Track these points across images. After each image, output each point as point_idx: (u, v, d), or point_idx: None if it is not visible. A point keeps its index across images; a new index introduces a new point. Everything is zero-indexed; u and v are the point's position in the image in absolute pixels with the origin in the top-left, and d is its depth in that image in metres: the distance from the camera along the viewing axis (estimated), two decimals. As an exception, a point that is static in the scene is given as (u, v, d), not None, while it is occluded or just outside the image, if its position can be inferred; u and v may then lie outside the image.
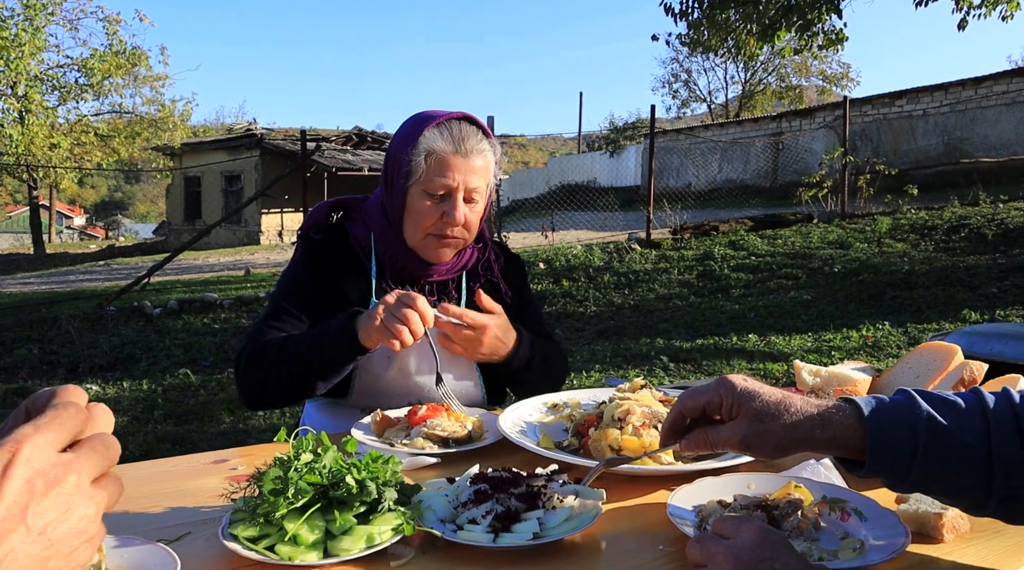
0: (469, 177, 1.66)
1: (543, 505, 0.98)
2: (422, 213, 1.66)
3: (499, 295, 1.82)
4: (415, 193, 1.67)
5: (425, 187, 1.65)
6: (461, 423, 1.36)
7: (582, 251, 11.47)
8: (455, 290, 1.81)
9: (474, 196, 1.69)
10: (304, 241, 1.80)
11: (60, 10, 25.48)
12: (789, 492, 0.99)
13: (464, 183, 1.65)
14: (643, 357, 6.44)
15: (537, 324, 1.92)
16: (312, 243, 1.77)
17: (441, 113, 1.70)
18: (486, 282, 1.83)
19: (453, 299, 1.79)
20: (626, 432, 1.21)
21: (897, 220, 11.46)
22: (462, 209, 1.66)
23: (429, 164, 1.64)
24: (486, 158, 1.70)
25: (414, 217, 1.68)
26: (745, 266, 9.89)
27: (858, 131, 19.58)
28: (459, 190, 1.65)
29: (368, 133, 30.48)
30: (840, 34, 11.04)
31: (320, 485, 0.93)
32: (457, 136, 1.66)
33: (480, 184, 1.69)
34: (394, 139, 1.75)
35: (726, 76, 42.14)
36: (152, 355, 7.63)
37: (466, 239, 1.74)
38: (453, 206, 1.65)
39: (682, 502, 1.01)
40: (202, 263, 17.72)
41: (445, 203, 1.66)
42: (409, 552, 0.94)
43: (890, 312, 7.51)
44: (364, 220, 1.80)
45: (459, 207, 1.65)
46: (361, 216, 1.81)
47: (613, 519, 1.04)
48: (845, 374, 1.33)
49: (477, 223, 1.74)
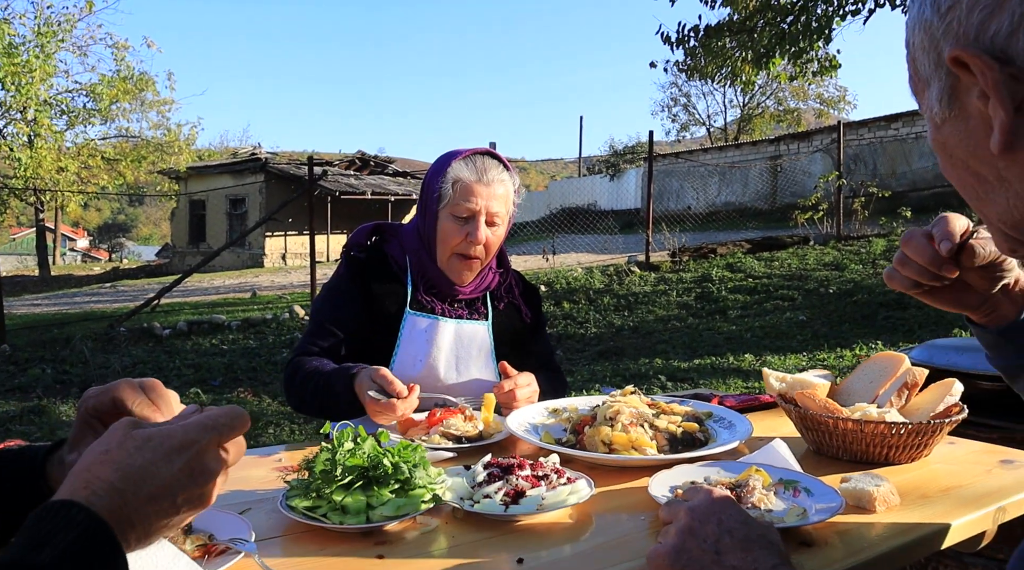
0: (491, 202, 1.91)
1: (545, 485, 1.18)
2: (449, 233, 1.92)
3: (520, 316, 2.09)
4: (444, 216, 1.93)
5: (453, 210, 1.91)
6: (474, 424, 1.56)
7: (582, 274, 11.68)
8: (483, 305, 2.05)
9: (495, 220, 1.94)
10: (347, 258, 2.03)
11: (70, 37, 25.99)
12: (751, 475, 1.19)
13: (486, 207, 1.90)
14: (642, 377, 6.63)
15: (547, 355, 2.17)
16: (354, 260, 2.00)
17: (467, 149, 1.98)
18: (508, 304, 2.08)
19: (481, 314, 2.03)
20: (616, 429, 1.41)
21: (892, 242, 11.68)
22: (484, 230, 1.90)
23: (456, 190, 1.90)
24: (506, 186, 1.96)
25: (443, 237, 1.94)
26: (742, 288, 10.09)
27: (855, 153, 19.86)
28: (481, 213, 1.90)
29: (371, 157, 30.80)
30: (833, 61, 11.32)
31: (362, 467, 1.13)
32: (480, 167, 1.92)
33: (500, 209, 1.94)
34: (428, 172, 2.01)
35: (725, 100, 42.62)
36: (163, 375, 7.80)
37: (485, 259, 1.97)
38: (476, 227, 1.90)
39: (661, 483, 1.21)
40: (207, 285, 17.92)
41: (469, 224, 1.91)
42: (434, 522, 1.14)
43: (883, 331, 7.70)
44: (400, 243, 2.04)
45: (481, 228, 1.90)
46: (398, 239, 2.05)
47: (604, 499, 1.24)
48: (807, 380, 1.53)
49: (496, 244, 1.98)
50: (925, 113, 0.82)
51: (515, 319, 2.09)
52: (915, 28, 0.77)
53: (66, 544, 0.65)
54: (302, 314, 10.14)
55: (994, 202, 0.78)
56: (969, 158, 0.77)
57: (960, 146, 0.77)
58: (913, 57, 0.79)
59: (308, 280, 11.09)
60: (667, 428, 1.44)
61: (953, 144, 0.78)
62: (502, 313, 2.07)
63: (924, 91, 0.80)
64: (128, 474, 0.71)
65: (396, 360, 1.91)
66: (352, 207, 25.80)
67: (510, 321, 2.07)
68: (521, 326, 2.09)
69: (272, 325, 9.88)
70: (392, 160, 31.99)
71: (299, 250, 26.28)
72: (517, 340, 2.07)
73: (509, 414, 1.63)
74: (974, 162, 0.77)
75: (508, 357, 1.96)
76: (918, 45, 0.77)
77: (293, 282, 16.94)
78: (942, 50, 0.73)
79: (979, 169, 0.77)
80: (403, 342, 1.93)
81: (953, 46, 0.70)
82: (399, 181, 28.89)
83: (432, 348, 1.93)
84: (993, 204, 0.78)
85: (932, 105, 0.78)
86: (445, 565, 1.01)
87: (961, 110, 0.75)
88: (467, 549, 1.06)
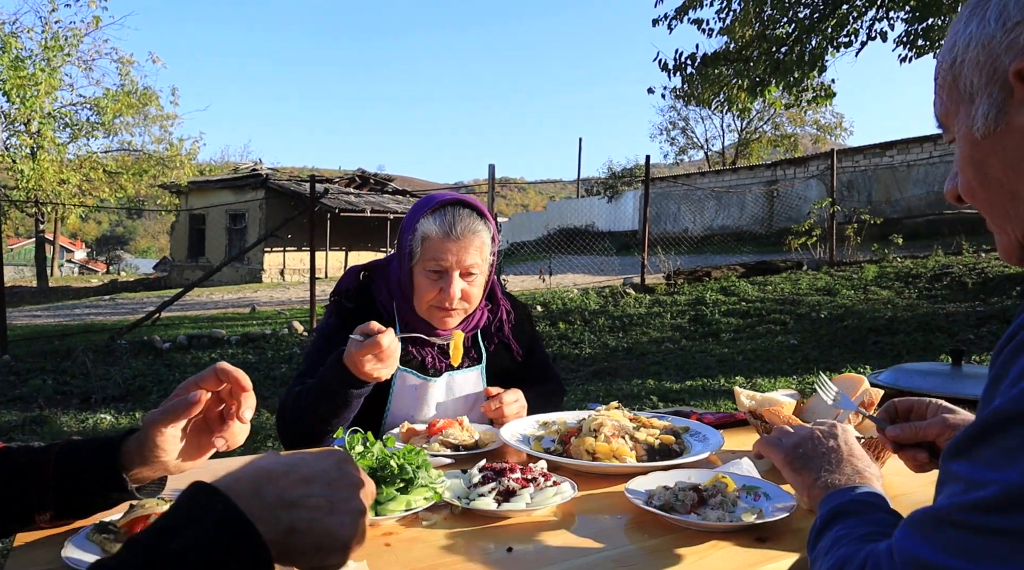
0: (462, 256, 1.86)
1: (533, 486, 1.33)
2: (423, 289, 1.90)
3: (511, 355, 2.11)
4: (417, 272, 1.90)
5: (424, 266, 1.88)
6: (470, 433, 1.71)
7: (578, 295, 11.83)
8: (473, 350, 2.05)
9: (471, 270, 1.89)
10: (336, 306, 2.01)
11: (76, 51, 26.26)
12: (717, 480, 1.34)
13: (458, 262, 1.86)
14: (634, 397, 6.76)
15: (544, 366, 2.23)
16: (343, 309, 1.99)
17: (439, 198, 1.94)
18: (498, 345, 2.09)
19: (473, 359, 2.04)
20: (599, 440, 1.55)
21: (883, 268, 11.87)
22: (457, 285, 1.87)
23: (425, 248, 1.86)
24: (480, 237, 1.90)
25: (418, 291, 1.91)
26: (735, 311, 10.24)
27: (850, 180, 20.11)
28: (453, 269, 1.86)
29: (371, 175, 31.03)
30: (828, 90, 11.56)
31: (371, 467, 1.27)
32: (449, 221, 1.86)
33: (476, 260, 1.89)
34: (403, 221, 1.98)
35: (722, 124, 43.07)
36: (162, 387, 7.91)
37: (467, 309, 1.95)
38: (448, 283, 1.87)
39: (636, 486, 1.35)
40: (206, 300, 18.03)
41: (443, 280, 1.88)
42: (435, 517, 1.28)
43: (872, 357, 7.84)
44: (387, 286, 2.01)
45: (454, 284, 1.87)
46: (385, 280, 2.03)
47: (585, 500, 1.38)
48: (774, 398, 1.68)
49: (478, 295, 1.96)
50: (959, 130, 0.84)
51: (506, 359, 2.09)
52: (969, 44, 0.80)
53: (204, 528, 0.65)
54: (301, 330, 10.27)
55: (1021, 221, 0.81)
56: (1008, 174, 0.79)
57: (1000, 162, 0.79)
58: (955, 75, 0.82)
59: (306, 296, 11.22)
60: (646, 440, 1.58)
61: (992, 160, 0.80)
62: (493, 355, 2.07)
63: (961, 108, 0.83)
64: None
65: (388, 415, 1.93)
66: (351, 224, 25.99)
67: (501, 361, 2.08)
68: (513, 365, 2.10)
69: (271, 340, 10.01)
70: (392, 178, 32.24)
71: (297, 266, 26.42)
72: (509, 377, 2.06)
73: (501, 427, 1.77)
74: (1012, 179, 0.79)
75: None
76: (970, 60, 0.80)
77: (292, 298, 17.07)
78: (1001, 64, 0.76)
79: (1016, 186, 0.79)
80: (395, 397, 1.94)
81: (1018, 59, 0.74)
82: (398, 199, 29.12)
83: (423, 407, 1.95)
84: (1021, 222, 0.81)
85: (975, 121, 0.80)
86: (445, 553, 1.16)
87: (1008, 126, 0.78)
88: (464, 540, 1.20)
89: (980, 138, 0.80)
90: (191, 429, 1.17)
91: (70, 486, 1.11)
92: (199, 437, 1.19)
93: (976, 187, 0.83)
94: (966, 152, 0.83)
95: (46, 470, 1.11)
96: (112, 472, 1.13)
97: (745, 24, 11.31)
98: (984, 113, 0.79)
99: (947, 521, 0.66)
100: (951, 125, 0.87)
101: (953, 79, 0.83)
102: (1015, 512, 0.61)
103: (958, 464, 0.69)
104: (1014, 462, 0.62)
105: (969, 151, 0.82)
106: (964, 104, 0.82)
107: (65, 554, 1.05)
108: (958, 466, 0.69)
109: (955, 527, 0.65)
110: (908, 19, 10.08)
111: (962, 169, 0.84)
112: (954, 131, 0.86)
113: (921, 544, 0.68)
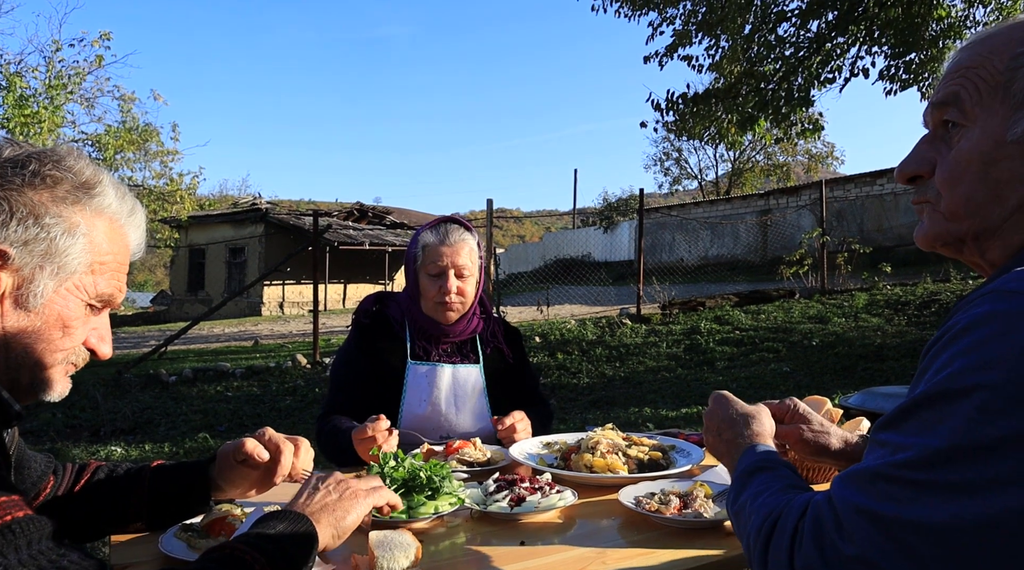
0: (455, 258, 2.31)
1: (540, 494, 1.56)
2: (427, 287, 2.34)
3: (504, 358, 2.48)
4: (422, 275, 2.35)
5: (426, 269, 2.33)
6: (482, 452, 1.94)
7: (576, 325, 12.06)
8: (472, 353, 2.43)
9: (463, 271, 2.33)
10: (356, 325, 2.44)
11: (79, 89, 26.68)
12: (696, 487, 1.57)
13: (452, 262, 2.30)
14: (631, 424, 6.97)
15: (533, 385, 2.56)
16: (362, 326, 2.43)
17: (436, 218, 2.43)
18: (493, 348, 2.47)
19: (472, 360, 2.42)
20: (596, 455, 1.79)
21: (873, 296, 12.13)
22: (453, 281, 2.31)
23: (426, 253, 2.34)
24: (468, 244, 2.36)
25: (423, 291, 2.35)
26: (729, 340, 10.47)
27: (841, 209, 20.42)
28: (449, 268, 2.30)
29: (369, 207, 31.36)
30: (817, 123, 11.90)
31: (403, 478, 1.51)
32: (443, 231, 2.35)
33: (467, 262, 2.33)
34: (409, 242, 2.43)
35: (716, 154, 43.64)
36: (170, 420, 8.08)
37: (464, 303, 2.35)
38: (446, 280, 2.31)
39: (627, 494, 1.59)
40: (207, 333, 18.21)
41: (441, 279, 2.31)
42: (458, 519, 1.52)
43: (861, 383, 8.06)
44: (398, 305, 2.44)
45: (451, 280, 2.30)
46: (396, 303, 2.46)
47: (585, 506, 1.62)
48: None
49: (471, 291, 2.36)
50: (984, 124, 0.92)
51: (500, 361, 2.46)
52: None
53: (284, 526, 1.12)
54: (304, 363, 10.48)
55: (984, 222, 0.92)
56: (1009, 182, 0.90)
57: (1012, 170, 0.89)
58: (1011, 77, 0.90)
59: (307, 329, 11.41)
60: (636, 455, 1.82)
61: (1006, 165, 0.89)
62: (490, 357, 2.44)
63: (999, 108, 0.90)
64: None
65: (404, 403, 2.29)
66: (350, 257, 26.24)
67: (496, 363, 2.45)
68: (505, 366, 2.47)
69: (275, 373, 10.20)
70: (390, 210, 32.57)
71: (296, 299, 26.62)
72: (504, 379, 2.44)
73: (511, 446, 2.01)
74: (1010, 187, 0.90)
75: (499, 394, 2.38)
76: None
77: (292, 331, 17.27)
78: None
79: (1006, 194, 0.90)
80: (408, 387, 2.32)
81: None
82: (397, 232, 29.40)
83: (433, 390, 2.31)
84: (982, 223, 0.93)
85: (1012, 126, 0.89)
86: (467, 548, 1.39)
87: None
88: (483, 537, 1.44)
89: (1009, 141, 0.89)
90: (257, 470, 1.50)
91: (164, 503, 1.39)
92: (264, 474, 1.51)
93: (967, 177, 0.92)
94: (983, 147, 0.91)
95: (140, 489, 1.38)
96: (203, 493, 1.45)
97: (733, 61, 11.67)
98: None
99: (879, 475, 0.84)
100: (971, 113, 0.93)
101: (1008, 79, 0.90)
102: (930, 468, 0.80)
103: (886, 434, 0.87)
104: (932, 430, 0.81)
105: (989, 148, 0.90)
106: (1004, 106, 0.90)
107: (160, 547, 1.30)
108: (886, 435, 0.87)
109: (885, 480, 0.83)
110: (890, 55, 10.45)
111: (963, 158, 0.92)
112: (971, 120, 0.93)
113: (858, 494, 0.85)
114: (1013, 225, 0.91)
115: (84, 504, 1.39)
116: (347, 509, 1.22)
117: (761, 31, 10.97)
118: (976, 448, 0.77)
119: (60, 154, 1.04)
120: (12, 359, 1.00)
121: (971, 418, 0.78)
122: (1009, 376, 0.77)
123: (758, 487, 1.06)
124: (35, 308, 1.00)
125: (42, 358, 1.03)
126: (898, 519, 0.80)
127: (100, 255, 1.06)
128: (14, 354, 1.00)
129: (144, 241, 1.14)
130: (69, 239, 1.01)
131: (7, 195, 0.98)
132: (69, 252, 1.02)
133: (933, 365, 0.85)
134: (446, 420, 2.31)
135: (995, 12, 10.10)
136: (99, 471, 1.45)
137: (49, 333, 1.03)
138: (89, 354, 1.11)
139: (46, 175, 1.01)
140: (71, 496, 1.38)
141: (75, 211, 1.03)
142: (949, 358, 0.83)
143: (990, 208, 0.92)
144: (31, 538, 0.87)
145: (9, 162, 1.00)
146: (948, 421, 0.80)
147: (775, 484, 1.05)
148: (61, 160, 1.04)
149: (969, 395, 0.79)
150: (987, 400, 0.77)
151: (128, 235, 1.12)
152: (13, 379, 1.03)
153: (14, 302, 0.99)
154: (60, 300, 1.03)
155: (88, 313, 1.08)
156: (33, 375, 1.04)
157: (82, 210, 1.04)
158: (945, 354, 0.84)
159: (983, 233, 0.94)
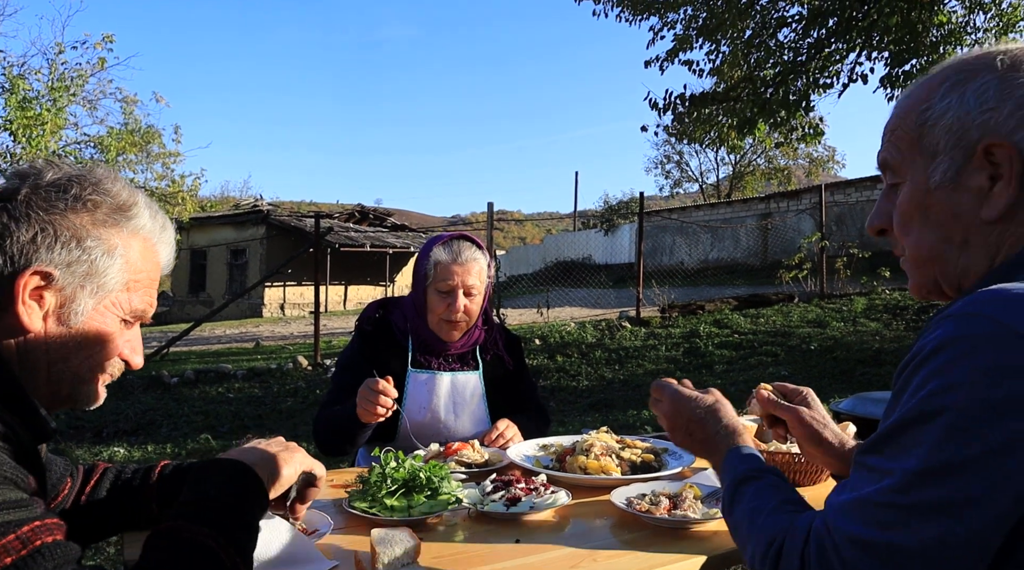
0: (466, 277, 2.34)
1: (535, 494, 1.62)
2: (436, 304, 2.35)
3: (503, 365, 2.53)
4: (431, 291, 2.37)
5: (437, 287, 2.35)
6: (480, 454, 2.01)
7: (575, 328, 12.11)
8: (472, 360, 2.48)
9: (472, 291, 2.36)
10: (359, 331, 2.47)
11: (81, 91, 26.76)
12: (685, 489, 1.63)
13: (462, 282, 2.33)
14: (629, 427, 7.00)
15: (531, 392, 2.61)
16: (365, 333, 2.46)
17: (447, 235, 2.44)
18: (493, 356, 2.51)
19: (472, 366, 2.47)
20: (590, 458, 1.85)
21: (872, 300, 12.18)
22: (461, 300, 2.34)
23: (437, 271, 2.35)
24: (479, 264, 2.38)
25: (431, 307, 2.37)
26: (728, 343, 10.51)
27: (842, 213, 20.44)
28: (459, 287, 2.33)
29: (370, 209, 31.41)
30: (817, 128, 11.93)
31: (404, 479, 1.57)
32: (456, 250, 2.36)
33: (475, 282, 2.36)
34: (418, 254, 2.46)
35: (716, 158, 43.65)
36: (172, 421, 8.11)
37: (469, 322, 2.38)
38: (455, 299, 2.33)
39: (619, 494, 1.65)
40: (209, 335, 18.26)
41: (450, 297, 2.33)
42: (456, 518, 1.58)
43: (858, 387, 8.10)
44: (402, 312, 2.48)
45: (459, 299, 2.33)
46: (400, 310, 2.49)
47: (578, 506, 1.68)
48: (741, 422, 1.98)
49: (477, 311, 2.40)
50: (912, 177, 1.00)
51: (500, 368, 2.50)
52: (946, 112, 0.97)
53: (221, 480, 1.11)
54: (305, 364, 10.54)
55: (946, 262, 0.99)
56: (947, 222, 0.97)
57: (944, 211, 0.96)
58: (922, 132, 0.99)
59: (308, 330, 11.47)
60: (629, 458, 1.88)
61: (938, 208, 0.97)
62: (489, 364, 2.48)
63: (919, 160, 0.99)
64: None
65: (404, 410, 2.31)
66: (351, 259, 26.29)
67: (496, 370, 2.49)
68: (504, 373, 2.51)
69: (276, 375, 10.26)
70: (391, 212, 32.62)
71: (297, 300, 26.67)
72: (503, 385, 2.48)
73: (507, 450, 2.07)
74: (950, 226, 0.97)
75: (497, 399, 2.43)
76: (943, 125, 0.96)
77: (293, 332, 17.33)
78: (970, 135, 0.94)
79: (950, 233, 0.97)
80: (408, 395, 2.35)
81: (988, 136, 0.93)
82: (398, 234, 29.46)
83: (432, 397, 2.35)
84: (944, 263, 0.99)
85: (933, 173, 0.97)
86: (465, 545, 1.45)
87: (960, 184, 0.95)
88: (480, 535, 1.50)
89: (933, 188, 0.97)
90: None
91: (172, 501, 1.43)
92: None
93: (916, 227, 1.00)
94: (914, 197, 0.99)
95: (149, 489, 1.43)
96: None
97: (733, 66, 11.72)
98: (944, 170, 0.96)
99: (868, 503, 0.89)
100: (900, 171, 1.03)
101: (919, 135, 0.99)
102: (910, 491, 0.85)
103: (873, 458, 0.93)
104: (908, 453, 0.87)
105: (919, 198, 0.98)
106: (923, 157, 0.98)
107: None
108: (873, 459, 0.93)
109: (875, 507, 0.88)
110: (890, 61, 10.48)
111: (904, 210, 1.01)
112: (902, 176, 1.03)
113: (852, 524, 0.90)
114: (973, 256, 0.97)
115: (95, 507, 1.44)
116: (286, 460, 1.24)
117: (761, 36, 11.02)
118: (948, 468, 0.82)
119: (98, 177, 1.11)
120: (54, 373, 1.07)
121: (941, 439, 0.83)
122: (971, 397, 0.81)
123: (752, 501, 1.11)
124: (75, 325, 1.07)
125: (82, 371, 1.10)
126: (889, 546, 0.85)
127: (135, 273, 1.13)
128: (56, 368, 1.07)
129: (174, 255, 1.20)
130: (108, 260, 1.08)
131: (52, 219, 1.04)
132: (108, 272, 1.08)
133: (909, 387, 0.90)
134: (445, 427, 2.36)
135: (995, 18, 10.16)
136: (107, 473, 1.50)
137: (88, 348, 1.09)
138: (123, 365, 1.17)
139: (87, 199, 1.08)
140: (81, 498, 1.44)
141: (113, 233, 1.09)
142: (922, 380, 0.87)
143: (942, 247, 0.99)
144: (58, 563, 0.89)
145: (52, 187, 1.07)
146: (923, 443, 0.85)
147: (769, 501, 1.09)
148: (99, 183, 1.10)
149: (938, 417, 0.84)
150: (954, 421, 0.82)
151: (160, 253, 1.18)
152: (53, 392, 1.09)
153: (56, 319, 1.05)
154: (98, 317, 1.09)
155: (123, 327, 1.14)
156: (73, 387, 1.11)
157: (119, 232, 1.11)
158: (918, 376, 0.88)
159: (950, 273, 1.01)
